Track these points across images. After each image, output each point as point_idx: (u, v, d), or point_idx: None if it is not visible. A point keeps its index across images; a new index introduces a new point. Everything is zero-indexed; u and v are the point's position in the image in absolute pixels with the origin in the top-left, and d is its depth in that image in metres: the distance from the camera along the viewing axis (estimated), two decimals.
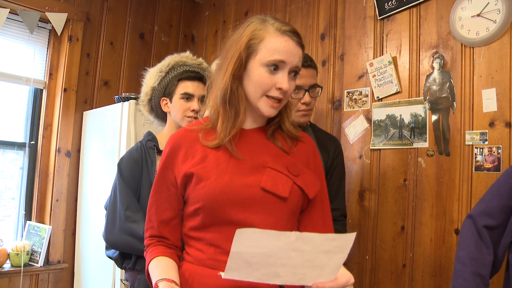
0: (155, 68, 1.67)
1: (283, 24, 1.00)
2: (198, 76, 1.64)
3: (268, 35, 0.98)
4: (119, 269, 2.28)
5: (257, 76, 0.98)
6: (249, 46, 0.99)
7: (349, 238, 0.82)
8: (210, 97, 1.08)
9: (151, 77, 1.66)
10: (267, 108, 1.00)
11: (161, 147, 1.61)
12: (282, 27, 0.99)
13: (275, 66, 0.98)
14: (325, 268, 0.84)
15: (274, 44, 0.97)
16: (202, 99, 1.63)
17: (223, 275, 0.83)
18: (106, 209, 1.61)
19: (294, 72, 1.01)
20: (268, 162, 1.02)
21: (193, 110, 1.60)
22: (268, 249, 0.79)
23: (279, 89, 0.98)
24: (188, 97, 1.61)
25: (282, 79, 0.98)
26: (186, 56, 1.68)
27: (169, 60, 1.65)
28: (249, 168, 1.01)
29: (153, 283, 0.94)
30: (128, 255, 1.53)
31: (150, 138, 1.62)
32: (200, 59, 1.71)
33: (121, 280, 1.63)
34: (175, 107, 1.62)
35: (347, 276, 0.89)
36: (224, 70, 1.01)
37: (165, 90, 1.64)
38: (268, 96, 1.00)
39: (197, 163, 1.02)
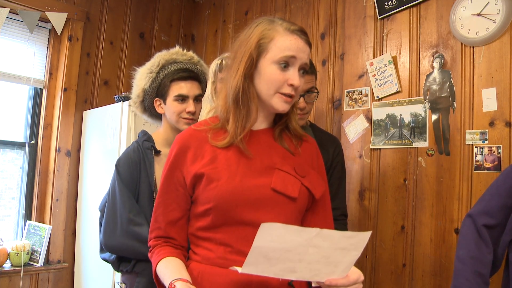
0: (145, 67, 1.60)
1: (291, 24, 1.03)
2: (191, 75, 1.58)
3: (278, 34, 1.01)
4: None
5: (268, 73, 1.01)
6: (259, 45, 1.01)
7: (364, 237, 0.84)
8: (219, 97, 1.10)
9: (141, 78, 1.59)
10: (281, 104, 1.02)
11: (158, 146, 1.57)
12: (291, 26, 1.02)
13: (285, 64, 1.00)
14: (339, 265, 0.87)
15: (284, 42, 1.00)
16: (197, 99, 1.58)
17: (240, 269, 0.85)
18: (100, 211, 1.56)
19: (303, 70, 1.04)
20: (277, 163, 1.04)
21: (188, 112, 1.54)
22: (288, 244, 0.81)
23: (291, 85, 1.01)
24: (182, 98, 1.55)
25: (293, 76, 1.01)
26: (176, 52, 1.61)
27: (159, 58, 1.58)
28: (258, 169, 1.02)
29: (167, 283, 0.94)
30: (126, 258, 1.48)
31: (146, 138, 1.56)
32: (191, 53, 1.64)
33: (118, 283, 1.59)
34: (169, 109, 1.56)
35: (357, 274, 0.92)
36: (235, 70, 1.03)
37: (157, 91, 1.57)
38: (280, 93, 1.02)
39: (207, 163, 1.02)
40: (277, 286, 0.99)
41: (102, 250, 1.55)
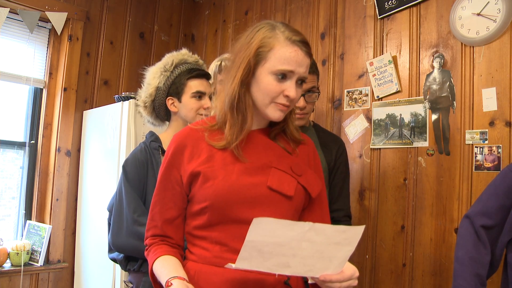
0: (157, 67, 1.63)
1: (293, 33, 1.00)
2: (205, 74, 1.65)
3: (278, 44, 0.99)
4: (120, 268, 2.28)
5: (265, 83, 1.00)
6: (258, 54, 1.00)
7: (358, 231, 0.84)
8: (217, 99, 1.10)
9: (155, 77, 1.62)
10: (276, 113, 1.02)
11: (165, 146, 1.58)
12: (293, 36, 1.00)
13: (283, 75, 0.99)
14: (333, 260, 0.87)
15: (284, 53, 0.98)
16: (210, 96, 1.64)
17: (233, 265, 0.85)
18: (109, 211, 1.59)
19: (300, 81, 1.03)
20: (273, 162, 1.04)
21: (206, 108, 1.60)
22: (282, 239, 0.81)
23: (286, 96, 1.00)
24: (200, 95, 1.60)
25: (290, 88, 1.00)
26: (186, 54, 1.67)
27: (172, 58, 1.63)
28: (255, 168, 1.02)
29: (163, 282, 0.94)
30: (133, 257, 1.51)
31: (154, 139, 1.59)
32: (196, 56, 1.71)
33: (124, 282, 1.61)
34: (186, 106, 1.59)
35: (352, 269, 0.92)
36: (233, 76, 1.02)
37: (170, 89, 1.61)
38: (276, 103, 1.01)
39: (203, 162, 1.03)
40: (273, 284, 0.99)
41: (110, 250, 1.57)
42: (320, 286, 0.92)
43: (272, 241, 0.81)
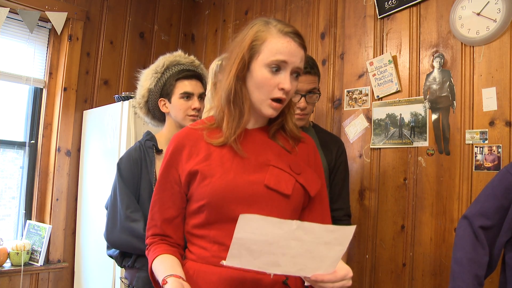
0: (150, 69, 1.66)
1: (285, 25, 1.02)
2: (195, 75, 1.65)
3: (270, 36, 1.00)
4: (119, 268, 2.28)
5: (259, 76, 1.00)
6: (252, 47, 1.01)
7: (348, 231, 0.83)
8: (215, 97, 1.10)
9: (147, 79, 1.65)
10: (269, 110, 1.03)
11: (160, 146, 1.61)
12: (284, 28, 1.01)
13: (277, 67, 0.99)
14: (325, 260, 0.86)
15: (276, 45, 0.99)
16: (201, 97, 1.64)
17: (224, 262, 0.85)
18: (106, 209, 1.61)
19: (296, 73, 1.03)
20: (271, 160, 1.04)
21: (194, 109, 1.60)
22: (269, 237, 0.81)
23: (282, 89, 1.00)
24: (188, 96, 1.61)
25: (284, 80, 1.00)
26: (179, 55, 1.68)
27: (163, 60, 1.65)
28: (252, 166, 1.03)
29: (160, 280, 0.94)
30: (128, 254, 1.54)
31: (149, 138, 1.61)
32: (192, 57, 1.72)
33: (120, 278, 1.63)
34: (175, 107, 1.62)
35: (345, 270, 0.91)
36: (228, 71, 1.03)
37: (162, 90, 1.63)
38: (271, 99, 1.01)
39: (201, 160, 1.03)
40: (271, 284, 0.99)
41: (108, 247, 1.60)
42: (313, 286, 0.91)
43: (260, 239, 0.81)
